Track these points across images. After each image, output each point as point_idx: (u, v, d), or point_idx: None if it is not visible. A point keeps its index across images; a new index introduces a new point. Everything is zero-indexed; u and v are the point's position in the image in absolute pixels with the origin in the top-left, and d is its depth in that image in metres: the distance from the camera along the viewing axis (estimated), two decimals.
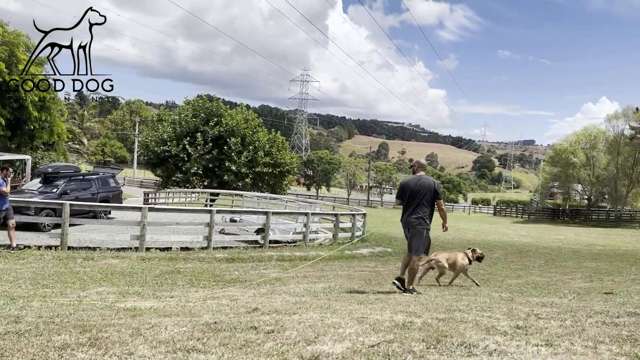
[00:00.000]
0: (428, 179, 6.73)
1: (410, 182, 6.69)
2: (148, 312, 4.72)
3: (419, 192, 6.55)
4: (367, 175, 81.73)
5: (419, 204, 6.53)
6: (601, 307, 4.91)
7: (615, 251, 20.07)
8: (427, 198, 6.57)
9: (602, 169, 52.76)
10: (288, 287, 7.22)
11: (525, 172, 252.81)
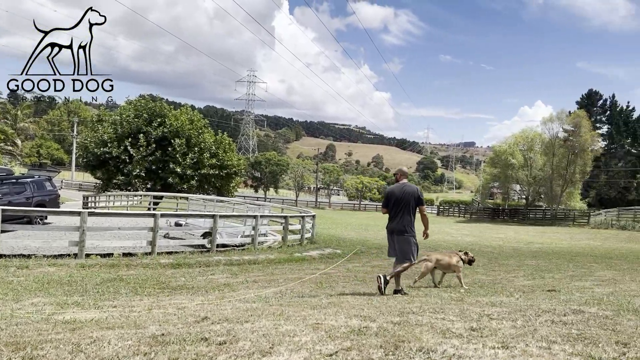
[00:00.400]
0: (412, 187, 6.88)
1: (395, 190, 6.83)
2: (89, 324, 4.43)
3: (403, 199, 6.68)
4: (315, 176, 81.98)
5: (404, 211, 6.68)
6: (547, 305, 5.04)
7: (552, 249, 21.01)
8: (411, 205, 6.72)
9: (538, 170, 55.27)
10: (238, 293, 7.02)
11: (466, 173, 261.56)
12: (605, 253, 18.65)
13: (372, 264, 12.76)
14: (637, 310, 4.55)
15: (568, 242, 29.19)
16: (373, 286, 8.06)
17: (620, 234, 38.25)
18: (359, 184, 78.36)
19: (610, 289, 7.58)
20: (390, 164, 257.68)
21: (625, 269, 12.01)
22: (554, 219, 51.45)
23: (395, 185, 6.96)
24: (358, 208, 75.42)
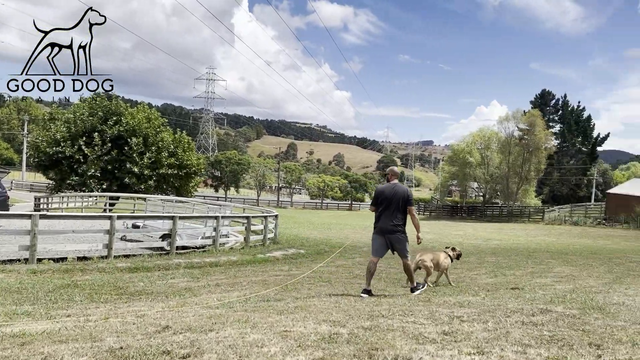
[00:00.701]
0: (402, 187, 6.91)
1: (385, 190, 6.86)
2: (40, 337, 4.12)
3: (393, 200, 6.72)
4: (277, 175, 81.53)
5: (394, 211, 6.72)
6: (515, 304, 5.04)
7: (510, 245, 21.48)
8: (401, 205, 6.75)
9: (495, 168, 56.70)
10: (200, 298, 6.77)
11: (425, 171, 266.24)
12: (561, 249, 19.20)
13: (336, 263, 12.66)
14: (602, 308, 4.59)
15: (525, 238, 29.96)
16: (338, 287, 7.96)
17: (573, 230, 39.64)
18: (320, 183, 78.42)
19: (570, 286, 7.72)
20: (351, 163, 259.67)
21: (581, 265, 12.34)
22: (511, 216, 52.89)
23: (385, 185, 6.97)
24: (320, 207, 75.48)
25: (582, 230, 38.55)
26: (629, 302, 4.94)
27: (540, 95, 78.54)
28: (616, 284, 7.90)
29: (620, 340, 3.13)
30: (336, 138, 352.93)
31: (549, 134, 58.08)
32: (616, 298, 5.43)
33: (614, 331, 3.41)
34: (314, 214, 59.56)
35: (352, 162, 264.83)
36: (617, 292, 6.30)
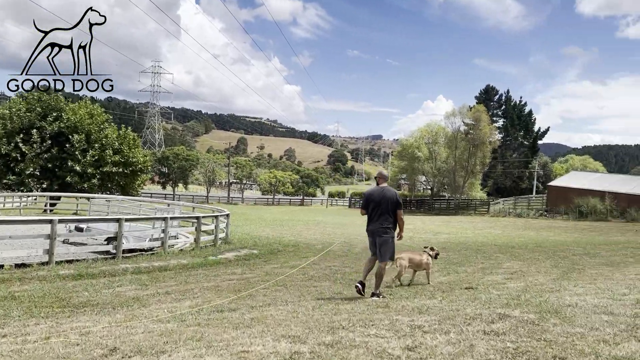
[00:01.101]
0: (391, 190, 7.04)
1: (374, 193, 7.06)
2: None
3: (382, 203, 6.90)
4: (227, 171, 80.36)
5: (383, 213, 6.89)
6: (472, 309, 5.04)
7: (459, 239, 21.96)
8: (390, 208, 6.91)
9: (442, 162, 58.07)
10: (150, 310, 6.44)
11: (375, 164, 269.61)
12: (507, 242, 19.79)
13: (290, 264, 12.49)
14: (557, 311, 4.65)
15: (472, 231, 30.81)
16: (294, 292, 7.80)
17: (517, 222, 41.14)
18: (272, 179, 77.91)
19: (522, 284, 7.88)
20: (302, 157, 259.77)
21: (529, 259, 12.72)
22: (458, 208, 54.37)
23: (374, 188, 7.15)
24: (272, 203, 75.04)
25: (526, 222, 40.07)
26: (582, 304, 5.04)
27: (485, 91, 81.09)
28: (564, 280, 8.13)
29: (583, 351, 3.14)
30: (287, 132, 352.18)
31: (493, 129, 60.01)
32: (568, 298, 5.54)
33: (575, 340, 3.42)
34: (266, 210, 59.14)
35: (303, 156, 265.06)
36: (567, 290, 6.45)
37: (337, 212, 61.55)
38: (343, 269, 11.25)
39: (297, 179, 78.66)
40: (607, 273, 8.93)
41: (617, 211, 39.05)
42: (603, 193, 40.99)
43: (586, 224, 36.07)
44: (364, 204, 7.20)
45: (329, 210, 64.09)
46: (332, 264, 12.44)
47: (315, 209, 65.98)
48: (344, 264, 12.36)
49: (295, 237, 22.15)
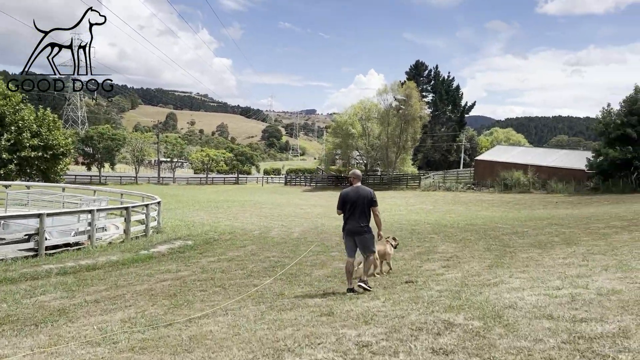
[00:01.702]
0: (365, 189, 7.30)
1: (350, 193, 7.25)
2: None
3: (359, 202, 7.14)
4: (157, 149, 77.51)
5: (360, 212, 7.13)
6: (417, 316, 5.01)
7: (392, 218, 22.35)
8: (366, 206, 7.16)
9: (375, 138, 58.95)
10: (77, 327, 5.96)
11: (309, 139, 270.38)
12: (439, 220, 20.36)
13: (228, 255, 12.15)
14: (500, 316, 4.69)
15: (405, 207, 31.60)
16: (234, 295, 7.53)
17: (447, 195, 42.65)
18: (205, 157, 76.02)
19: (459, 274, 8.03)
20: (236, 133, 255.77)
21: (461, 240, 13.08)
22: (390, 183, 55.59)
23: (350, 189, 7.35)
24: (205, 182, 73.42)
25: (455, 196, 41.61)
26: (521, 304, 5.13)
27: (415, 66, 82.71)
28: (499, 267, 8.37)
29: None
30: (219, 107, 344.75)
31: (423, 104, 61.40)
32: (507, 296, 5.64)
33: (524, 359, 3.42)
34: (199, 190, 57.82)
35: (236, 132, 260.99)
36: (504, 283, 6.60)
37: (273, 190, 61.26)
38: (283, 261, 11.06)
39: (231, 157, 77.16)
40: (537, 257, 9.29)
41: (538, 183, 41.33)
42: (526, 166, 43.20)
43: (511, 197, 37.95)
44: (340, 204, 7.35)
45: (265, 189, 63.66)
46: (271, 253, 12.23)
47: (251, 188, 65.31)
48: (283, 253, 12.18)
49: (232, 221, 21.73)
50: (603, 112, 37.98)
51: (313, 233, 16.78)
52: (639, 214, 15.83)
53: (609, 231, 12.59)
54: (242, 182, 76.98)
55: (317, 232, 17.13)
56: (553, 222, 16.18)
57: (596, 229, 13.21)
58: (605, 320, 4.27)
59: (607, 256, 8.49)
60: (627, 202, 25.83)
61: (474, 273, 8.02)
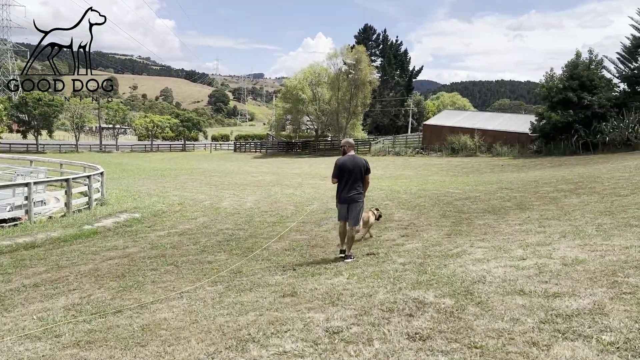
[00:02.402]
0: (360, 159, 7.54)
1: (347, 162, 7.43)
2: None
3: (355, 170, 7.33)
4: (98, 115, 73.94)
5: (356, 180, 7.35)
6: (385, 295, 4.80)
7: None
8: (361, 174, 7.40)
9: (326, 104, 58.43)
10: (15, 316, 5.40)
11: (257, 104, 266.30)
12: (391, 186, 20.38)
13: (178, 229, 11.60)
14: (471, 292, 4.55)
15: None
16: (188, 274, 7.11)
17: (396, 160, 43.06)
18: (149, 123, 73.21)
19: (419, 244, 7.93)
20: (181, 98, 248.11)
21: (416, 207, 13.08)
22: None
23: (346, 157, 7.51)
24: (150, 149, 70.98)
25: (404, 161, 42.09)
26: (489, 278, 5.02)
27: (363, 30, 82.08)
28: (458, 236, 8.33)
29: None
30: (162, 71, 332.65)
31: (372, 69, 61.16)
32: (473, 269, 5.53)
33: (505, 344, 3.25)
34: (144, 158, 55.83)
35: (181, 96, 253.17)
36: (467, 254, 6.51)
37: (222, 157, 60.00)
38: (237, 233, 10.66)
39: (176, 124, 74.67)
40: (494, 223, 9.34)
41: (484, 147, 42.32)
42: (472, 130, 44.07)
43: (458, 160, 38.74)
44: (336, 173, 7.46)
45: (213, 156, 62.25)
46: (224, 226, 11.79)
47: (199, 155, 63.70)
48: (237, 225, 11.77)
49: (180, 191, 20.96)
50: (546, 76, 38.95)
51: (266, 202, 16.40)
52: (583, 177, 16.35)
53: (557, 195, 12.90)
54: (190, 149, 74.98)
55: (271, 201, 16.76)
56: (503, 187, 16.49)
57: (545, 193, 13.52)
58: (577, 294, 4.19)
59: (562, 222, 8.61)
60: (569, 165, 26.82)
61: (434, 242, 7.94)
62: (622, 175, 15.60)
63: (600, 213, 9.13)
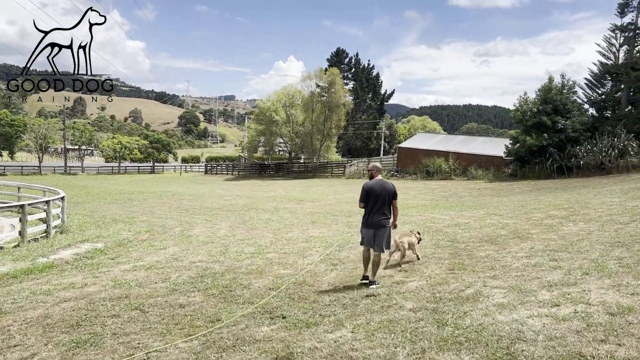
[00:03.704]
0: (387, 182, 7.37)
1: (375, 186, 7.27)
2: None
3: (382, 194, 7.19)
4: (63, 136, 71.44)
5: (382, 205, 7.20)
6: (405, 358, 3.82)
7: (324, 208, 21.29)
8: (388, 199, 7.25)
9: (299, 125, 57.76)
10: None
11: (228, 126, 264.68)
12: None
13: (145, 261, 10.39)
14: (516, 357, 3.63)
15: (333, 196, 30.71)
16: (155, 322, 6.00)
17: None
18: (117, 145, 71.04)
19: (422, 281, 7.01)
20: (150, 119, 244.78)
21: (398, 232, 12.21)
22: (315, 171, 54.78)
23: (374, 182, 7.36)
24: (118, 171, 68.73)
25: None
26: (529, 334, 4.13)
27: (336, 53, 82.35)
28: (462, 271, 7.46)
29: None
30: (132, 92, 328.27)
31: (346, 92, 60.99)
32: (503, 320, 4.63)
33: None
34: (111, 181, 53.82)
35: (151, 118, 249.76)
36: (484, 296, 5.62)
37: (193, 179, 58.42)
38: (212, 267, 9.55)
39: (145, 144, 72.69)
40: (496, 255, 8.53)
41: (459, 170, 42.15)
42: (447, 153, 43.92)
43: (435, 183, 38.33)
44: (364, 197, 7.30)
45: (183, 178, 60.57)
46: (198, 257, 10.66)
47: (169, 177, 61.91)
48: (212, 257, 10.64)
49: (148, 216, 19.63)
50: (520, 100, 39.16)
51: (242, 229, 15.28)
52: (571, 202, 15.84)
53: (552, 222, 12.25)
54: (159, 171, 72.97)
55: (247, 227, 15.65)
56: (490, 212, 15.83)
57: (538, 220, 12.86)
58: None
59: (572, 254, 7.85)
60: (548, 189, 26.56)
61: (440, 280, 7.04)
62: (612, 201, 15.13)
63: (611, 245, 8.42)
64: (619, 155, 33.14)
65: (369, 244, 7.32)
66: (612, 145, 33.49)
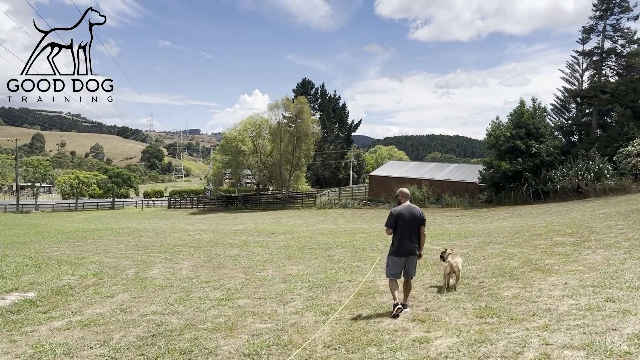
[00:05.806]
0: (416, 208, 7.16)
1: (403, 212, 7.04)
2: None
3: (411, 220, 6.96)
4: (15, 172, 67.46)
5: (412, 232, 6.96)
6: None
7: (298, 240, 19.39)
8: (418, 225, 7.00)
9: (267, 155, 55.99)
10: None
11: (194, 160, 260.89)
12: (352, 241, 17.77)
13: (85, 315, 8.24)
14: None
15: (306, 227, 28.80)
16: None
17: (345, 213, 40.74)
18: (74, 180, 67.46)
19: (450, 339, 5.24)
20: (112, 154, 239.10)
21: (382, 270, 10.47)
22: (285, 202, 52.80)
23: (402, 207, 7.14)
24: (75, 208, 65.01)
25: (353, 213, 39.81)
26: None
27: (302, 84, 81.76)
28: (493, 318, 5.73)
29: None
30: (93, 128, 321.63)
31: (315, 121, 59.86)
32: None
33: None
34: (67, 218, 50.44)
35: (112, 153, 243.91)
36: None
37: (155, 214, 55.50)
38: (168, 321, 7.53)
39: (105, 179, 69.34)
40: (525, 294, 6.87)
41: (433, 197, 41.00)
42: (420, 180, 42.82)
43: None
44: (391, 223, 7.07)
45: (145, 213, 57.53)
46: (151, 307, 8.59)
47: (129, 213, 58.73)
48: (169, 307, 8.59)
49: (101, 256, 17.27)
50: (492, 125, 38.54)
51: (207, 268, 13.21)
52: (572, 227, 14.47)
53: (564, 249, 10.73)
54: (119, 206, 69.50)
55: (213, 266, 13.57)
56: (486, 240, 14.30)
57: (546, 247, 11.34)
58: None
59: (625, 290, 6.25)
60: (528, 214, 25.43)
61: (476, 335, 5.27)
62: (618, 224, 13.81)
63: None
64: (595, 178, 32.55)
65: (397, 275, 6.98)
66: (588, 168, 32.94)
